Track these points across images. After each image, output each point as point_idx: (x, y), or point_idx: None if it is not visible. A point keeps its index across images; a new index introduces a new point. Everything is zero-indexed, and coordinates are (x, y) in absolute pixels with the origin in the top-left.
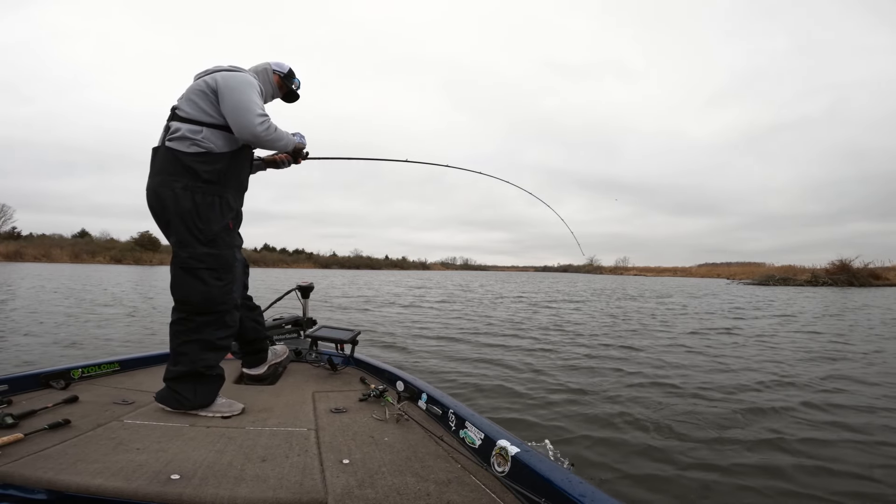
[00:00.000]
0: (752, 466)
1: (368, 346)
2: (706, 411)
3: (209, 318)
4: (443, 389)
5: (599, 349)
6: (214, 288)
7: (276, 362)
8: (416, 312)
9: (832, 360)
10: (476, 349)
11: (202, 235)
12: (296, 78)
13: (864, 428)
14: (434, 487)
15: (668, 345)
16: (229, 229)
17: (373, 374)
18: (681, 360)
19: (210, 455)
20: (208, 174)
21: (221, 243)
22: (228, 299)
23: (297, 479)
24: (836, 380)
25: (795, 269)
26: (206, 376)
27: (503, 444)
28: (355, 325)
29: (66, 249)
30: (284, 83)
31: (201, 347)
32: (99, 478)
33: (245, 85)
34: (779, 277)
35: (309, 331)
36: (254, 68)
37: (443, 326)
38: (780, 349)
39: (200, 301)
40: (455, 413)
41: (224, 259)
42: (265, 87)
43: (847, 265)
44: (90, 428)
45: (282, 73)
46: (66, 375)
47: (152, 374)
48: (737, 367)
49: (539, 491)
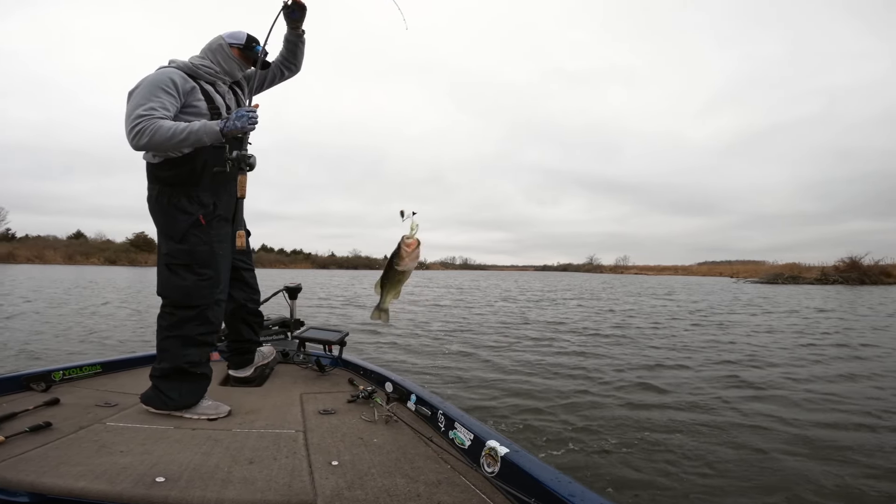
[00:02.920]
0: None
1: (357, 347)
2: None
3: (190, 313)
4: (429, 389)
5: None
6: (192, 283)
7: (262, 364)
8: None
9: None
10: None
11: (173, 232)
12: (257, 46)
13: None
14: (424, 488)
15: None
16: (201, 224)
17: (361, 376)
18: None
19: (196, 457)
20: (172, 178)
21: (194, 239)
22: (208, 294)
23: (285, 482)
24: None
25: (801, 266)
26: (190, 374)
27: (493, 445)
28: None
29: (59, 251)
30: (246, 54)
31: (183, 343)
32: (82, 480)
33: (141, 89)
34: (787, 276)
35: (296, 332)
36: (207, 45)
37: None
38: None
39: (180, 297)
40: (444, 414)
41: (199, 254)
42: (226, 64)
43: (857, 263)
44: (72, 430)
45: (239, 45)
46: (47, 378)
47: (135, 376)
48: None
49: (529, 491)
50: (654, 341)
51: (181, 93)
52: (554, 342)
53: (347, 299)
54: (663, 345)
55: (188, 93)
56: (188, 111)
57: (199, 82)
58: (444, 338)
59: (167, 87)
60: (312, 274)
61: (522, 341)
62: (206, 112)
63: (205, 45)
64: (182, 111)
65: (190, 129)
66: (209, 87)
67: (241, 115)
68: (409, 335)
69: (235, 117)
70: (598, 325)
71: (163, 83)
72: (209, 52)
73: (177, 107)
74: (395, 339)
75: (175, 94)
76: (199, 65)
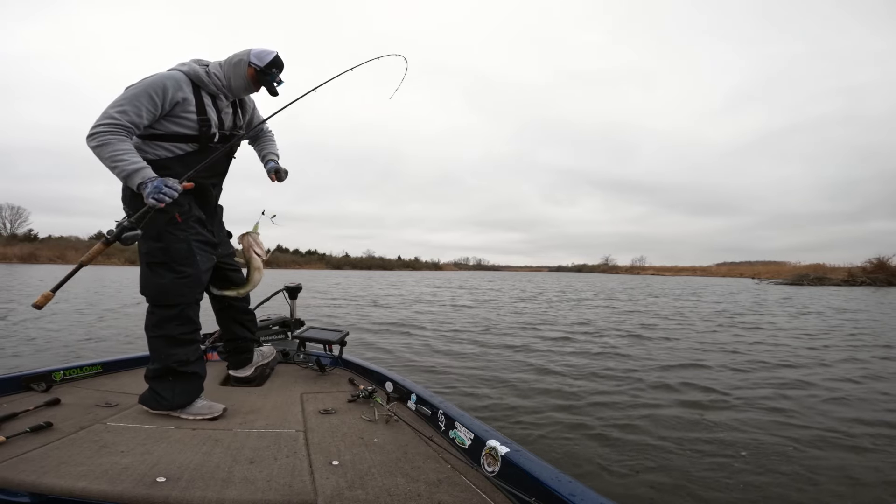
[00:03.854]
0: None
1: (357, 347)
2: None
3: (169, 312)
4: (430, 389)
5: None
6: (169, 281)
7: (263, 364)
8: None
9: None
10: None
11: (149, 230)
12: (273, 75)
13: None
14: (424, 488)
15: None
16: (176, 222)
17: (361, 375)
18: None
19: (197, 457)
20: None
21: (169, 237)
22: (188, 293)
23: (286, 481)
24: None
25: (825, 267)
26: (181, 374)
27: (493, 444)
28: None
29: (80, 251)
30: (259, 78)
31: (167, 343)
32: (83, 480)
33: (133, 88)
34: (813, 276)
35: (297, 332)
36: (231, 55)
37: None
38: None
39: (157, 294)
40: (444, 413)
41: (174, 252)
42: (234, 81)
43: (885, 263)
44: (73, 430)
45: (258, 66)
46: (48, 378)
47: (135, 376)
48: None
49: (529, 490)
50: (676, 342)
51: (168, 101)
52: (569, 342)
53: (372, 300)
54: (683, 346)
55: (177, 103)
56: (173, 120)
57: (201, 92)
58: (462, 339)
59: (155, 95)
60: (325, 274)
61: (537, 343)
62: (195, 123)
63: (232, 54)
64: (167, 118)
65: (122, 167)
66: (208, 99)
67: (158, 186)
68: (435, 337)
69: (152, 187)
70: (623, 326)
71: (154, 89)
72: (227, 65)
73: (154, 114)
74: (428, 341)
75: (158, 103)
76: (208, 74)
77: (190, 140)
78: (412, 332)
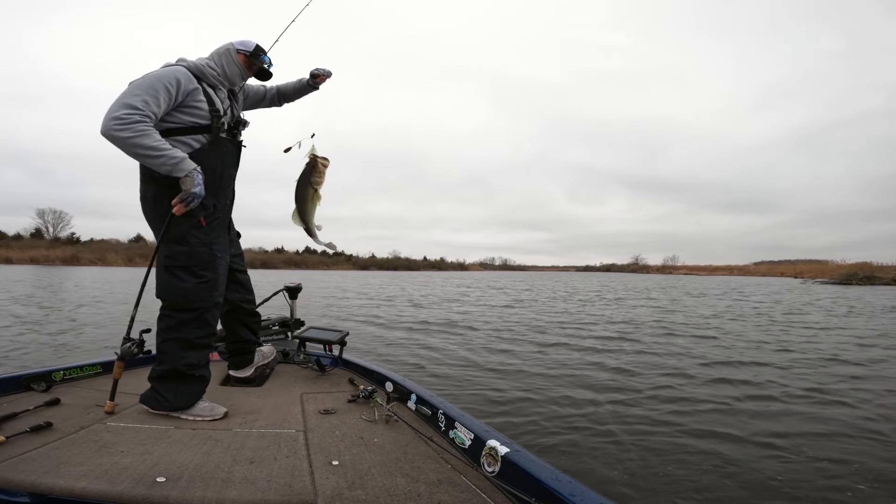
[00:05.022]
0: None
1: (357, 347)
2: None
3: (188, 315)
4: (431, 389)
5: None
6: (191, 285)
7: (263, 364)
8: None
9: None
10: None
11: (172, 234)
12: (264, 55)
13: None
14: (425, 488)
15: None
16: (201, 226)
17: (361, 375)
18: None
19: (197, 457)
20: (169, 178)
21: (193, 241)
22: (207, 297)
23: (286, 481)
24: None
25: (873, 266)
26: (187, 376)
27: (493, 444)
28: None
29: (120, 253)
30: (252, 62)
31: (181, 346)
32: (83, 480)
33: (144, 79)
34: (862, 276)
35: (297, 332)
36: (216, 49)
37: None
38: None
39: (178, 298)
40: (444, 413)
41: (198, 256)
42: (228, 70)
43: None
44: (73, 430)
45: (247, 51)
46: (48, 378)
47: (135, 376)
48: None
49: (529, 490)
50: (700, 344)
51: (181, 92)
52: (582, 341)
53: (410, 300)
54: (706, 346)
55: (189, 93)
56: (187, 111)
57: (203, 84)
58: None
59: (169, 86)
60: (353, 275)
61: (552, 346)
62: (207, 114)
63: (214, 49)
64: (181, 110)
65: (165, 159)
66: (211, 91)
67: (198, 193)
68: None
69: (198, 191)
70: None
71: (167, 80)
72: (216, 56)
73: (169, 106)
74: (474, 343)
75: (173, 94)
76: (205, 66)
77: (204, 131)
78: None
